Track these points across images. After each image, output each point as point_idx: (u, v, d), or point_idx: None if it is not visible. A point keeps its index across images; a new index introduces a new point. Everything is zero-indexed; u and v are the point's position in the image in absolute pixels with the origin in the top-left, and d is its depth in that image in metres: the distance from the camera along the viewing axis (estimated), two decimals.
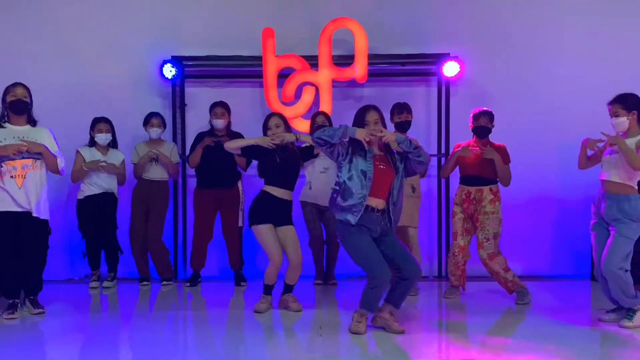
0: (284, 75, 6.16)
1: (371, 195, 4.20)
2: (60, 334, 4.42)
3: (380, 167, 4.24)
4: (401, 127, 5.38)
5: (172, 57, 6.27)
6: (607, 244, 4.44)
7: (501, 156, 5.19)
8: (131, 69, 6.42)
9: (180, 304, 5.48)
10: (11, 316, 4.69)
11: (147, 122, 5.99)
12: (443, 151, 6.30)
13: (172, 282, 6.08)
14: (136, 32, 6.43)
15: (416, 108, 5.80)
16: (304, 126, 5.97)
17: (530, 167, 6.19)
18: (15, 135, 4.71)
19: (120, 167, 5.86)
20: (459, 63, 6.15)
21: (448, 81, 6.30)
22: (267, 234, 4.76)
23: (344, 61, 6.16)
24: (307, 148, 4.98)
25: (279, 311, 4.90)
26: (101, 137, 5.81)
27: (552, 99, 6.33)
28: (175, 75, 6.25)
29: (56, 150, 4.85)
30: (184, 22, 6.45)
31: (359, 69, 6.09)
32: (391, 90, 6.31)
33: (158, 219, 5.95)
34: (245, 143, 4.86)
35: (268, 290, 4.92)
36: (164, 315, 5.01)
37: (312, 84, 6.15)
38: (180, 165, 6.21)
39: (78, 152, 5.80)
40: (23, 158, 4.68)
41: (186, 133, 6.39)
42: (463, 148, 5.27)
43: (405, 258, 4.26)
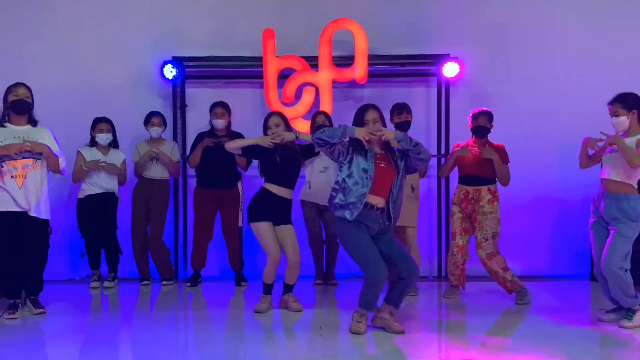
0: (285, 75, 6.17)
1: (372, 193, 4.21)
2: (60, 334, 4.43)
3: (381, 166, 4.25)
4: (401, 128, 5.39)
5: (173, 58, 6.28)
6: (607, 244, 4.45)
7: (500, 156, 5.20)
8: (132, 70, 6.43)
9: (180, 304, 5.50)
10: (12, 316, 4.69)
11: (148, 121, 6.00)
12: (443, 151, 6.31)
13: (173, 282, 6.09)
14: (137, 33, 6.44)
15: (416, 109, 5.80)
16: (305, 127, 5.98)
17: (530, 167, 6.20)
18: (15, 135, 4.71)
19: (120, 167, 5.88)
20: (459, 64, 6.16)
21: (448, 82, 6.30)
22: (266, 232, 4.77)
23: (344, 62, 6.17)
24: (309, 146, 4.98)
25: (279, 311, 4.91)
26: (102, 137, 5.83)
27: (552, 99, 6.34)
28: (175, 75, 6.26)
29: (57, 150, 4.86)
30: (185, 23, 6.46)
31: (359, 70, 6.10)
32: (391, 90, 6.32)
33: (159, 218, 5.96)
34: (245, 143, 4.88)
35: (268, 289, 4.93)
36: (165, 315, 5.02)
37: (312, 85, 6.16)
38: (181, 164, 6.23)
39: (79, 152, 5.81)
40: (24, 158, 4.68)
41: (187, 133, 6.39)
42: (462, 148, 5.28)
43: (402, 257, 4.27)
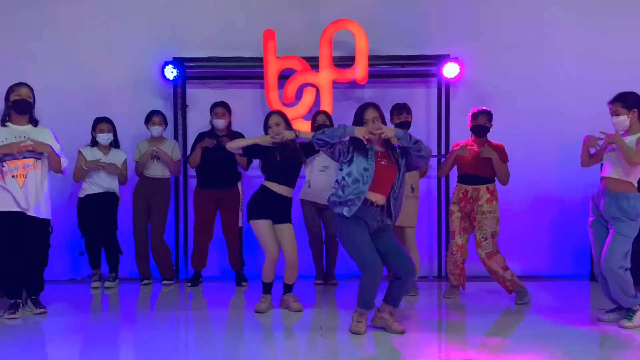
0: (285, 76, 6.17)
1: (372, 190, 4.21)
2: (61, 334, 4.44)
3: (381, 163, 4.25)
4: (401, 128, 5.39)
5: (174, 59, 6.29)
6: (606, 243, 4.45)
7: (499, 155, 5.21)
8: (133, 70, 6.44)
9: (181, 304, 5.51)
10: (12, 316, 4.69)
11: (149, 120, 6.02)
12: (443, 152, 6.31)
13: (173, 282, 6.10)
14: (138, 34, 6.45)
15: (416, 109, 5.81)
16: (305, 127, 5.97)
17: (529, 168, 6.21)
18: (16, 134, 4.72)
19: (121, 167, 5.89)
20: (459, 64, 6.16)
21: (448, 82, 6.31)
22: (264, 230, 4.78)
23: (345, 62, 6.18)
24: (310, 144, 4.98)
25: (280, 311, 4.92)
26: (103, 137, 5.84)
27: (552, 100, 6.34)
28: (176, 76, 6.26)
29: (58, 149, 4.87)
30: (186, 24, 6.47)
31: (360, 70, 6.11)
32: (391, 91, 6.32)
33: (160, 217, 5.97)
34: (246, 142, 4.89)
35: (267, 289, 4.94)
36: (166, 315, 5.03)
37: (313, 85, 6.17)
38: (182, 163, 6.23)
39: (80, 152, 5.83)
40: (25, 158, 4.69)
41: (187, 134, 6.40)
42: (461, 147, 5.29)
43: (399, 256, 4.27)
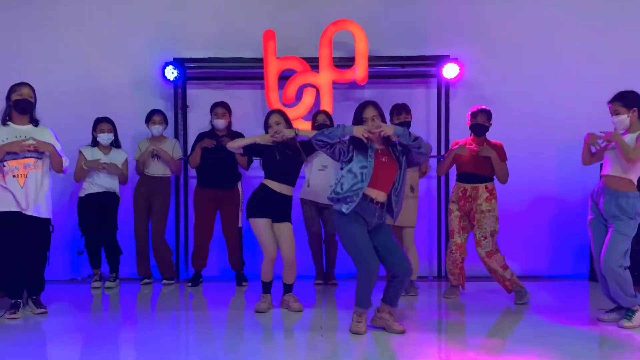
0: (285, 77, 6.19)
1: (372, 187, 4.21)
2: (62, 334, 4.45)
3: (382, 161, 4.25)
4: None
5: (174, 59, 6.31)
6: (606, 242, 4.45)
7: (498, 154, 5.21)
8: (133, 71, 6.46)
9: (182, 304, 5.52)
10: (13, 316, 4.70)
11: (149, 120, 6.03)
12: (443, 152, 6.32)
13: (174, 282, 6.11)
14: (138, 34, 6.46)
15: (416, 110, 5.82)
16: (305, 127, 5.98)
17: (529, 168, 6.23)
18: (17, 134, 4.73)
19: (122, 167, 5.89)
20: (459, 65, 6.17)
21: (448, 83, 6.32)
22: (263, 228, 4.79)
23: (345, 63, 6.19)
24: (310, 142, 4.98)
25: (280, 311, 4.93)
26: (103, 137, 5.85)
27: (552, 100, 6.35)
28: (177, 77, 6.28)
29: (59, 149, 4.88)
30: (186, 24, 6.48)
31: (359, 71, 6.12)
32: (391, 92, 6.32)
33: (160, 215, 5.99)
34: (246, 142, 4.90)
35: (267, 288, 4.95)
36: (166, 315, 5.04)
37: (313, 86, 6.18)
38: (182, 162, 6.24)
39: (80, 152, 5.84)
40: (25, 157, 4.70)
41: (188, 134, 6.41)
42: (460, 146, 5.30)
43: (396, 255, 4.27)
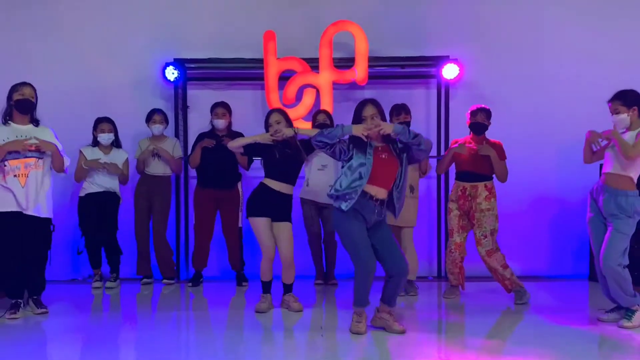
0: (285, 77, 6.20)
1: (372, 183, 4.21)
2: (62, 334, 4.46)
3: (382, 157, 4.26)
4: None
5: (175, 60, 6.32)
6: (605, 241, 4.46)
7: (497, 152, 5.21)
8: (134, 72, 6.47)
9: (182, 304, 5.53)
10: (13, 316, 4.71)
11: (150, 119, 6.04)
12: (443, 152, 6.32)
13: (174, 282, 6.12)
14: (139, 35, 6.47)
15: (416, 110, 5.82)
16: (306, 127, 5.98)
17: (529, 168, 6.24)
18: (18, 134, 4.74)
19: (122, 167, 5.90)
20: (459, 65, 6.18)
21: (447, 83, 6.33)
22: (262, 227, 4.81)
23: (345, 64, 6.21)
24: (310, 141, 4.99)
25: (280, 311, 4.94)
26: (104, 137, 5.86)
27: (552, 101, 6.36)
28: (177, 77, 6.29)
29: (60, 149, 4.89)
30: (187, 25, 6.50)
31: (359, 72, 6.13)
32: (391, 92, 6.32)
33: (161, 214, 6.00)
34: (246, 141, 4.92)
35: (266, 288, 4.96)
36: (167, 315, 5.04)
37: (313, 86, 6.19)
38: (183, 161, 6.24)
39: (81, 152, 5.85)
40: (26, 157, 4.71)
41: (188, 135, 6.42)
42: (459, 145, 5.30)
43: (392, 254, 4.27)
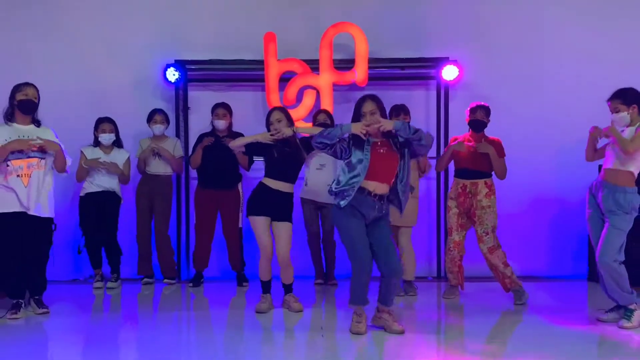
0: (286, 78, 6.22)
1: (371, 179, 4.22)
2: (63, 334, 4.47)
3: (380, 152, 4.27)
4: None
5: (176, 61, 6.34)
6: (601, 237, 4.48)
7: (496, 150, 5.22)
8: (134, 72, 6.48)
9: (183, 304, 5.55)
10: (14, 316, 4.72)
11: (151, 119, 6.06)
12: (442, 153, 6.34)
13: (175, 282, 6.14)
14: (140, 36, 6.49)
15: (415, 111, 5.84)
16: (306, 127, 6.02)
17: (529, 168, 6.26)
18: (20, 134, 4.75)
19: (123, 167, 5.91)
20: (458, 67, 6.19)
21: (447, 85, 6.35)
22: (260, 226, 4.84)
23: (345, 65, 6.23)
24: (307, 139, 5.00)
25: (280, 311, 4.96)
26: (104, 137, 5.88)
27: (552, 101, 6.37)
28: (178, 79, 6.31)
29: (63, 149, 4.91)
30: (187, 27, 6.52)
31: (359, 73, 6.15)
32: (391, 93, 6.28)
33: (162, 214, 6.02)
34: (247, 141, 4.95)
35: (266, 288, 4.98)
36: (168, 315, 5.06)
37: (313, 88, 6.21)
38: (184, 161, 6.26)
39: (82, 152, 5.87)
40: (29, 157, 4.73)
41: (189, 136, 6.44)
42: (458, 142, 5.31)
43: (386, 255, 4.27)
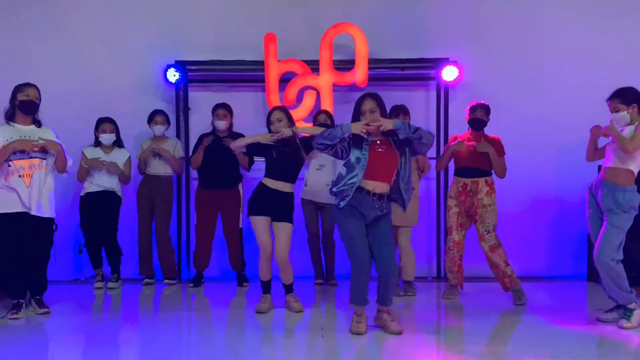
0: (286, 79, 6.23)
1: (369, 178, 4.23)
2: (64, 334, 4.48)
3: (378, 151, 4.27)
4: None
5: (176, 62, 6.35)
6: (599, 235, 4.49)
7: (496, 149, 5.23)
8: (135, 73, 6.49)
9: (184, 305, 5.56)
10: (15, 316, 4.73)
11: (151, 120, 6.07)
12: (442, 153, 6.35)
13: (176, 282, 6.15)
14: (140, 37, 6.50)
15: (415, 112, 5.85)
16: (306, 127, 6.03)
17: (529, 169, 6.27)
18: (21, 134, 4.76)
19: (123, 166, 5.92)
20: (458, 68, 6.20)
21: (447, 85, 6.36)
22: (260, 226, 4.85)
23: (345, 66, 6.24)
24: (307, 139, 5.01)
25: (280, 311, 4.97)
26: (105, 137, 5.89)
27: (552, 101, 6.37)
28: (178, 79, 6.32)
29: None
30: (188, 27, 6.53)
31: (360, 74, 6.16)
32: (391, 94, 6.25)
33: (163, 214, 6.03)
34: (248, 141, 4.96)
35: (266, 288, 5.00)
36: (168, 315, 5.07)
37: (314, 88, 6.22)
38: (184, 161, 6.26)
39: (82, 153, 5.88)
40: (31, 157, 4.74)
41: (190, 137, 6.45)
42: (458, 142, 5.31)
43: (382, 255, 4.28)
